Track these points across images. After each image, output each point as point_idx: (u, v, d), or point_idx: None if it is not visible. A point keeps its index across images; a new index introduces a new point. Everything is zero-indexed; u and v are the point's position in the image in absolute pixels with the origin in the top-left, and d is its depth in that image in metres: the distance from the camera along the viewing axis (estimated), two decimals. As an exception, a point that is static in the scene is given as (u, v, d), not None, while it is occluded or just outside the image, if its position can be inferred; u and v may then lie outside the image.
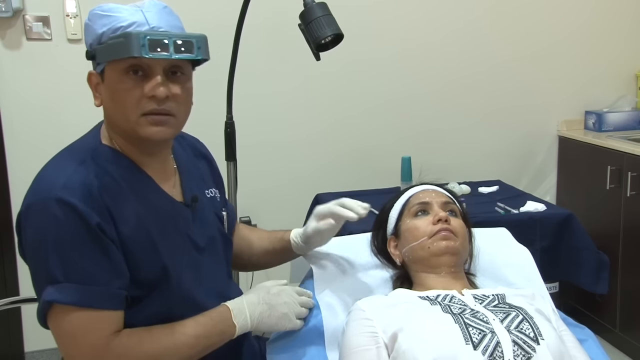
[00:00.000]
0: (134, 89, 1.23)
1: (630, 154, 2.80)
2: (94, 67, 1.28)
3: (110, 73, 1.24)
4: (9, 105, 2.68)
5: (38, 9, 2.64)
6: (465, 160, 3.16)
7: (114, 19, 1.23)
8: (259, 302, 1.37)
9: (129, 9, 1.25)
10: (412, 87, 3.08)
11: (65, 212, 1.17)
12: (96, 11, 1.26)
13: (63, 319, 1.19)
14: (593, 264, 2.55)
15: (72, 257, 1.18)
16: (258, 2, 2.13)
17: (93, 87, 1.29)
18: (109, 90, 1.26)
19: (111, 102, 1.26)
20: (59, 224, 1.17)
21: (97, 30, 1.24)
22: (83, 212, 1.18)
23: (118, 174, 1.26)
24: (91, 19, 1.27)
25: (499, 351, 1.21)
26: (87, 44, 1.28)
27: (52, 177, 1.22)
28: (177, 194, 1.38)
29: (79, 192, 1.19)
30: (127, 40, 1.19)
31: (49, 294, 1.18)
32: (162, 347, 1.25)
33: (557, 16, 3.20)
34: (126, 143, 1.30)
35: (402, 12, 3.02)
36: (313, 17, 1.69)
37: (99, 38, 1.24)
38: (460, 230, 1.50)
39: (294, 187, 2.99)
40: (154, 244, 1.27)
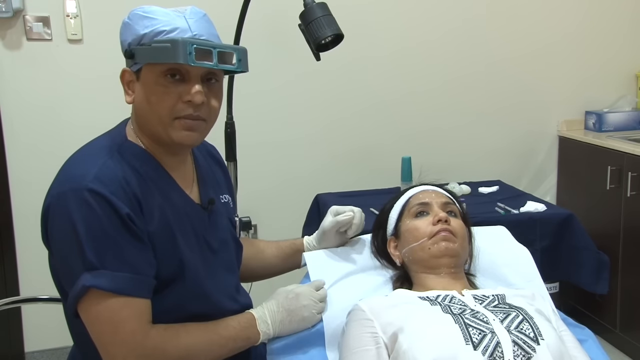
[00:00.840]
0: (171, 92, 1.26)
1: (630, 154, 2.80)
2: (128, 65, 1.29)
3: (148, 73, 1.26)
4: (9, 105, 2.68)
5: (38, 9, 2.65)
6: (465, 160, 3.16)
7: (157, 22, 1.25)
8: (279, 310, 1.40)
9: (171, 13, 1.27)
10: (412, 87, 3.08)
11: (98, 201, 1.18)
12: (137, 12, 1.27)
13: (100, 305, 1.19)
14: (593, 264, 2.55)
15: (107, 244, 1.19)
16: (258, 2, 2.13)
17: (125, 84, 1.30)
18: (145, 90, 1.27)
19: (146, 101, 1.28)
20: (93, 212, 1.18)
21: (138, 30, 1.26)
22: (115, 203, 1.19)
23: (144, 170, 1.29)
24: (132, 18, 1.28)
25: (499, 351, 1.21)
26: (125, 42, 1.29)
27: (82, 169, 1.23)
28: (195, 196, 1.40)
29: (111, 184, 1.21)
30: (174, 47, 1.21)
31: (87, 279, 1.18)
32: (197, 342, 1.28)
33: (557, 16, 3.20)
34: (152, 142, 1.32)
35: (402, 11, 3.02)
36: (313, 17, 1.70)
37: (139, 39, 1.25)
38: (460, 231, 1.50)
39: (294, 187, 3.00)
40: (175, 239, 1.30)
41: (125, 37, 1.29)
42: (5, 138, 2.70)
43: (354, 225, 1.61)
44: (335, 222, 1.61)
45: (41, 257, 1.36)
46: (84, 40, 2.70)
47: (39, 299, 1.86)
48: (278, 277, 1.74)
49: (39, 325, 2.78)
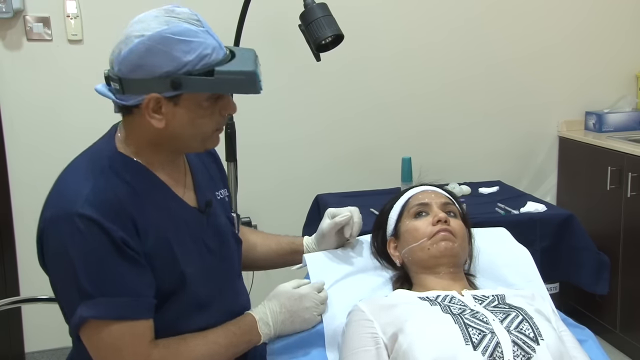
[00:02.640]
0: (214, 111, 1.27)
1: (630, 155, 2.80)
2: (159, 91, 1.20)
3: (193, 99, 1.23)
4: (9, 105, 2.68)
5: (38, 9, 2.65)
6: (465, 160, 3.16)
7: (195, 45, 1.19)
8: (281, 311, 1.40)
9: (198, 31, 1.21)
10: (412, 87, 3.08)
11: (89, 226, 1.17)
12: (168, 34, 1.18)
13: (102, 332, 1.19)
14: (593, 265, 2.55)
15: (102, 270, 1.18)
16: (259, 2, 2.13)
17: (151, 110, 1.22)
18: (190, 114, 1.24)
19: (190, 125, 1.25)
20: (85, 239, 1.17)
21: (179, 57, 1.18)
22: (107, 227, 1.18)
23: (137, 184, 1.26)
24: (164, 43, 1.18)
25: (499, 351, 1.21)
26: (157, 69, 1.19)
27: (73, 190, 1.21)
28: (190, 198, 1.38)
29: (102, 207, 1.19)
30: (250, 79, 1.22)
31: (84, 310, 1.17)
32: (198, 355, 1.28)
33: (557, 16, 3.20)
34: (148, 152, 1.29)
35: (403, 12, 3.02)
36: (313, 17, 1.70)
37: (182, 66, 1.19)
38: (460, 231, 1.50)
39: (294, 188, 2.99)
40: (174, 254, 1.28)
41: (158, 64, 1.18)
42: (5, 138, 2.70)
43: (355, 225, 1.61)
44: (333, 224, 1.60)
45: (41, 258, 1.36)
46: (84, 41, 2.70)
47: (39, 299, 1.86)
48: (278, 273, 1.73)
49: (39, 326, 2.78)
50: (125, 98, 1.23)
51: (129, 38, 1.21)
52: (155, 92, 1.20)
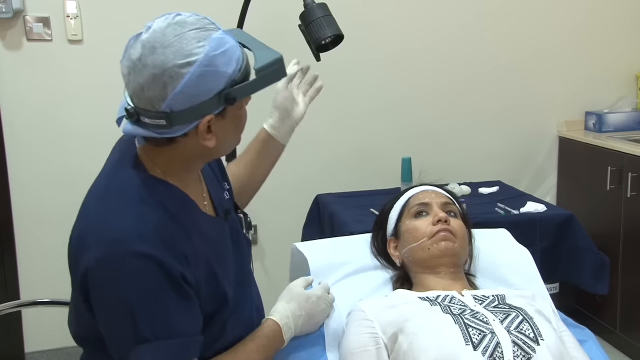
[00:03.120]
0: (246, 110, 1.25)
1: (630, 155, 2.80)
2: (211, 111, 1.13)
3: (234, 107, 1.18)
4: (9, 105, 2.68)
5: (38, 9, 2.64)
6: (465, 160, 3.16)
7: (230, 52, 1.13)
8: (301, 314, 1.38)
9: (224, 37, 1.14)
10: (412, 87, 3.08)
11: (146, 265, 1.10)
12: (212, 54, 1.10)
13: None
14: (593, 265, 2.55)
15: (159, 312, 1.12)
16: (258, 3, 2.13)
17: (204, 132, 1.15)
18: (235, 122, 1.21)
19: (235, 131, 1.23)
20: (142, 280, 1.10)
21: (225, 72, 1.12)
22: (165, 262, 1.11)
23: (174, 209, 1.19)
24: (211, 64, 1.10)
25: (499, 352, 1.21)
26: (212, 91, 1.11)
27: (121, 225, 1.12)
28: (209, 208, 1.33)
29: (157, 240, 1.12)
30: (281, 66, 1.19)
31: (141, 356, 1.11)
32: None
33: (557, 17, 3.20)
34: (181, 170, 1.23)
35: (403, 12, 3.02)
36: (313, 17, 1.69)
37: (229, 78, 1.12)
38: (460, 231, 1.51)
39: (294, 188, 2.99)
40: (216, 275, 1.24)
41: (211, 86, 1.11)
42: (5, 138, 2.70)
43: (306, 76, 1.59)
44: (284, 82, 1.57)
45: (41, 259, 1.36)
46: (84, 41, 2.70)
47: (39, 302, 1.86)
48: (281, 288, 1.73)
49: (39, 326, 2.78)
50: (172, 131, 1.12)
51: (169, 70, 1.08)
52: (209, 114, 1.12)
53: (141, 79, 1.10)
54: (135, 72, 1.10)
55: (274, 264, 3.04)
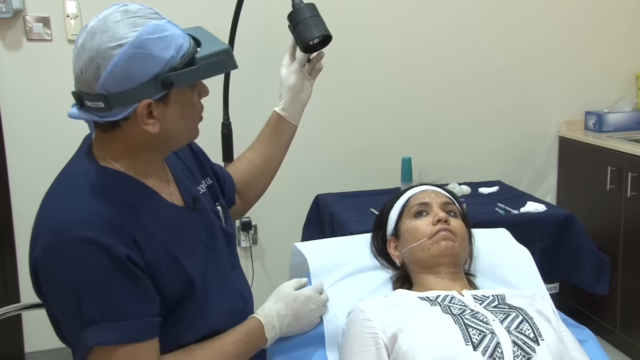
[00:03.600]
0: (197, 99, 1.26)
1: (630, 155, 2.80)
2: (150, 96, 1.16)
3: (179, 93, 1.20)
4: (9, 105, 2.68)
5: (38, 9, 2.65)
6: (465, 160, 3.16)
7: (169, 39, 1.16)
8: (287, 313, 1.39)
9: (164, 24, 1.17)
10: (412, 87, 3.08)
11: (91, 250, 1.12)
12: (145, 37, 1.13)
13: (110, 358, 1.15)
14: (593, 265, 2.55)
15: (105, 295, 1.14)
16: (254, 2, 2.13)
17: (144, 117, 1.17)
18: (180, 109, 1.22)
19: (181, 119, 1.23)
20: (87, 265, 1.12)
21: (162, 56, 1.14)
22: (109, 246, 1.13)
23: (127, 197, 1.22)
24: (145, 46, 1.13)
25: (499, 352, 1.21)
26: (145, 74, 1.14)
27: (64, 214, 1.16)
28: (177, 198, 1.35)
29: (101, 225, 1.14)
30: (230, 58, 1.22)
31: (90, 338, 1.13)
32: None
33: (557, 16, 3.20)
34: (130, 159, 1.25)
35: (403, 12, 3.02)
36: (301, 18, 1.68)
37: (166, 63, 1.15)
38: (460, 231, 1.50)
39: (294, 188, 2.99)
40: (177, 260, 1.26)
41: (145, 68, 1.14)
42: (5, 138, 2.70)
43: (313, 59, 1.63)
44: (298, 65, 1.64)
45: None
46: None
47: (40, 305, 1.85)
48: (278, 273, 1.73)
49: (39, 326, 2.77)
50: (112, 114, 1.16)
51: (102, 52, 1.13)
52: (146, 98, 1.16)
53: (81, 62, 1.15)
54: (77, 57, 1.16)
55: (274, 264, 3.04)
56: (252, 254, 2.99)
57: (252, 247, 3.00)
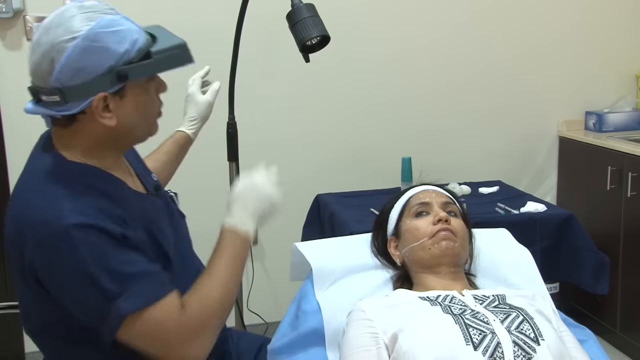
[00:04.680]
0: (154, 93, 1.28)
1: (630, 155, 2.80)
2: (105, 89, 1.18)
3: (135, 86, 1.22)
4: (10, 105, 2.68)
5: (38, 9, 2.65)
6: (465, 160, 3.16)
7: (124, 33, 1.19)
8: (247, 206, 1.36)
9: (119, 19, 1.21)
10: (412, 87, 3.08)
11: (88, 232, 1.15)
12: (99, 30, 1.16)
13: (143, 322, 1.18)
14: (594, 265, 2.55)
15: (119, 266, 1.16)
16: (258, 3, 2.13)
17: (100, 110, 1.20)
18: (136, 103, 1.24)
19: (138, 113, 1.25)
20: (90, 246, 1.14)
21: (116, 49, 1.17)
22: (104, 226, 1.16)
23: (101, 186, 1.24)
24: (98, 39, 1.16)
25: (500, 352, 1.21)
26: (98, 68, 1.17)
27: (48, 208, 1.17)
28: (140, 188, 1.39)
29: (89, 210, 1.17)
30: (185, 52, 1.24)
31: (121, 308, 1.15)
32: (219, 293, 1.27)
33: (557, 16, 3.20)
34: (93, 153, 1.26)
35: (402, 11, 3.02)
36: (299, 18, 1.68)
37: (121, 57, 1.18)
38: (461, 231, 1.51)
39: (294, 188, 2.98)
40: (156, 239, 1.29)
41: (99, 62, 1.17)
42: (5, 138, 2.70)
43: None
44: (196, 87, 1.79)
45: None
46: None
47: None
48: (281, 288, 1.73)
49: (39, 326, 2.78)
50: (68, 107, 1.18)
51: (56, 45, 1.16)
52: (101, 91, 1.18)
53: (35, 57, 1.18)
54: (33, 52, 1.19)
55: (274, 264, 3.04)
56: (252, 254, 2.99)
57: (252, 247, 3.00)
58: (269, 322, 2.93)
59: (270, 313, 2.91)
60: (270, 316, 2.91)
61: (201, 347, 1.24)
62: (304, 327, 1.48)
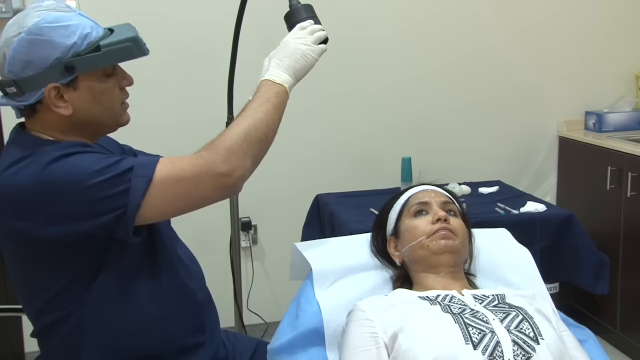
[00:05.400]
0: (113, 85, 1.32)
1: (630, 155, 2.80)
2: (55, 80, 1.24)
3: (89, 78, 1.27)
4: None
5: (38, 9, 2.64)
6: (465, 160, 3.16)
7: (74, 28, 1.25)
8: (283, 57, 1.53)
9: (71, 15, 1.26)
10: (412, 87, 3.08)
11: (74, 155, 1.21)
12: (44, 25, 1.23)
13: (173, 169, 1.23)
14: (593, 265, 2.55)
15: (114, 160, 1.23)
16: (257, 3, 2.13)
17: (53, 99, 1.26)
18: (92, 93, 1.29)
19: (96, 103, 1.30)
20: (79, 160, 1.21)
21: (63, 42, 1.23)
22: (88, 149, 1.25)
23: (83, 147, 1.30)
24: (43, 33, 1.23)
25: (499, 351, 1.21)
26: (45, 59, 1.23)
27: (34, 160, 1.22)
28: None
29: (72, 145, 1.25)
30: (137, 45, 1.29)
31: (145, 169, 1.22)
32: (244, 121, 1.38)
33: (557, 16, 3.20)
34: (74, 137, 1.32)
35: (402, 11, 3.02)
36: (297, 19, 1.68)
37: (68, 49, 1.23)
38: (460, 230, 1.50)
39: (294, 188, 3.00)
40: None
41: (45, 54, 1.23)
42: (5, 139, 2.69)
43: None
44: None
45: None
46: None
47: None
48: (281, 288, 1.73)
49: (39, 326, 2.78)
50: (26, 98, 1.26)
51: (7, 40, 1.24)
52: (52, 82, 1.24)
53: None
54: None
55: (274, 264, 3.04)
56: (252, 254, 2.99)
57: (252, 247, 3.00)
58: (268, 322, 2.93)
59: (270, 313, 2.91)
60: (270, 316, 2.92)
61: (233, 167, 1.30)
62: (304, 326, 1.48)
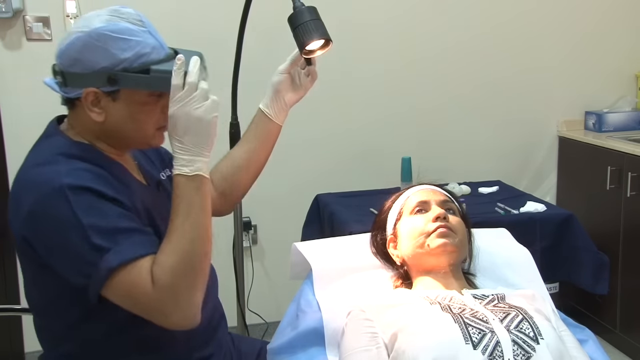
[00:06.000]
0: (155, 108, 1.30)
1: (630, 155, 2.80)
2: (97, 86, 1.24)
3: (131, 95, 1.26)
4: (10, 105, 2.68)
5: (38, 9, 2.65)
6: (465, 160, 3.16)
7: (133, 44, 1.23)
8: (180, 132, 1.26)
9: (138, 30, 1.25)
10: (412, 87, 3.08)
11: (80, 193, 1.19)
12: (105, 32, 1.23)
13: (129, 275, 1.18)
14: (593, 265, 2.55)
15: (109, 221, 1.20)
16: (262, 4, 2.13)
17: (90, 103, 1.26)
18: (130, 110, 1.28)
19: (130, 120, 1.29)
20: (83, 202, 1.19)
21: (116, 54, 1.23)
22: (97, 189, 1.21)
23: (104, 165, 1.29)
24: (101, 39, 1.23)
25: (499, 350, 1.21)
26: (95, 64, 1.24)
27: (47, 172, 1.22)
28: (141, 179, 1.42)
29: (85, 175, 1.22)
30: None
31: (111, 260, 1.17)
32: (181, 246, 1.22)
33: (557, 16, 3.20)
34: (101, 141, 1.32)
35: (402, 12, 3.02)
36: (301, 21, 1.68)
37: (119, 63, 1.23)
38: (459, 228, 1.50)
39: (294, 188, 2.99)
40: (155, 221, 1.32)
41: (95, 59, 1.23)
42: (5, 139, 2.70)
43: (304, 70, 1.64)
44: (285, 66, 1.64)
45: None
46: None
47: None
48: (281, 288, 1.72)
49: (39, 326, 2.78)
50: (68, 91, 1.28)
51: (70, 33, 1.26)
52: (93, 86, 1.24)
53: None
54: None
55: (274, 264, 3.04)
56: (252, 254, 2.99)
57: (252, 247, 3.00)
58: (269, 322, 2.93)
59: (270, 313, 2.91)
60: (270, 316, 2.92)
61: (184, 315, 1.22)
62: (304, 326, 1.48)
